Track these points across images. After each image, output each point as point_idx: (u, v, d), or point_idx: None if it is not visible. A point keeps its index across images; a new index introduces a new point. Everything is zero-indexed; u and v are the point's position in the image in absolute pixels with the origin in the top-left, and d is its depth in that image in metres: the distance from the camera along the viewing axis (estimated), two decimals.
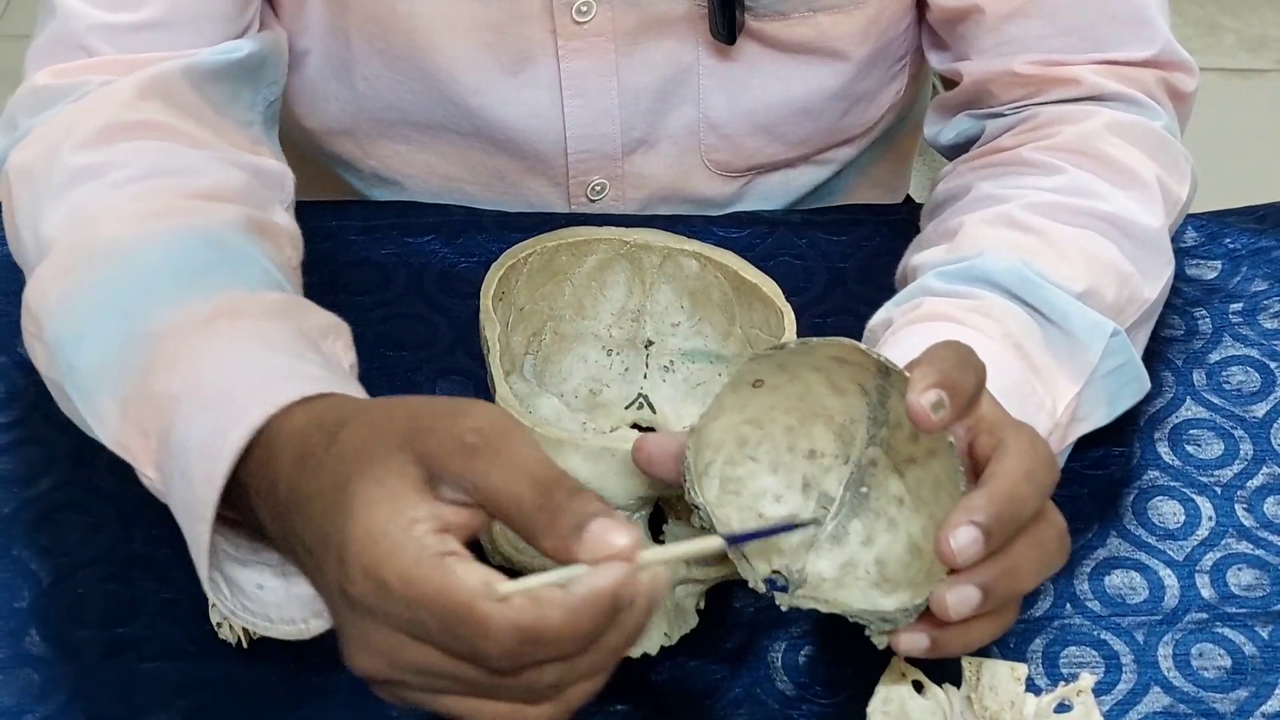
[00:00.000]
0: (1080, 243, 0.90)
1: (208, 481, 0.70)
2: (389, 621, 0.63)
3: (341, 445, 0.67)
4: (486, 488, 0.63)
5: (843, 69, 1.05)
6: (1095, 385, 0.87)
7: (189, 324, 0.77)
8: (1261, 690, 0.83)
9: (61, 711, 0.82)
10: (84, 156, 0.87)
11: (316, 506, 0.66)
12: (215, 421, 0.72)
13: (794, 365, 0.76)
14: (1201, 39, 2.51)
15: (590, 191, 1.10)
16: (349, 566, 0.63)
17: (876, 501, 0.77)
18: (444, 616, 0.61)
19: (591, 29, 1.02)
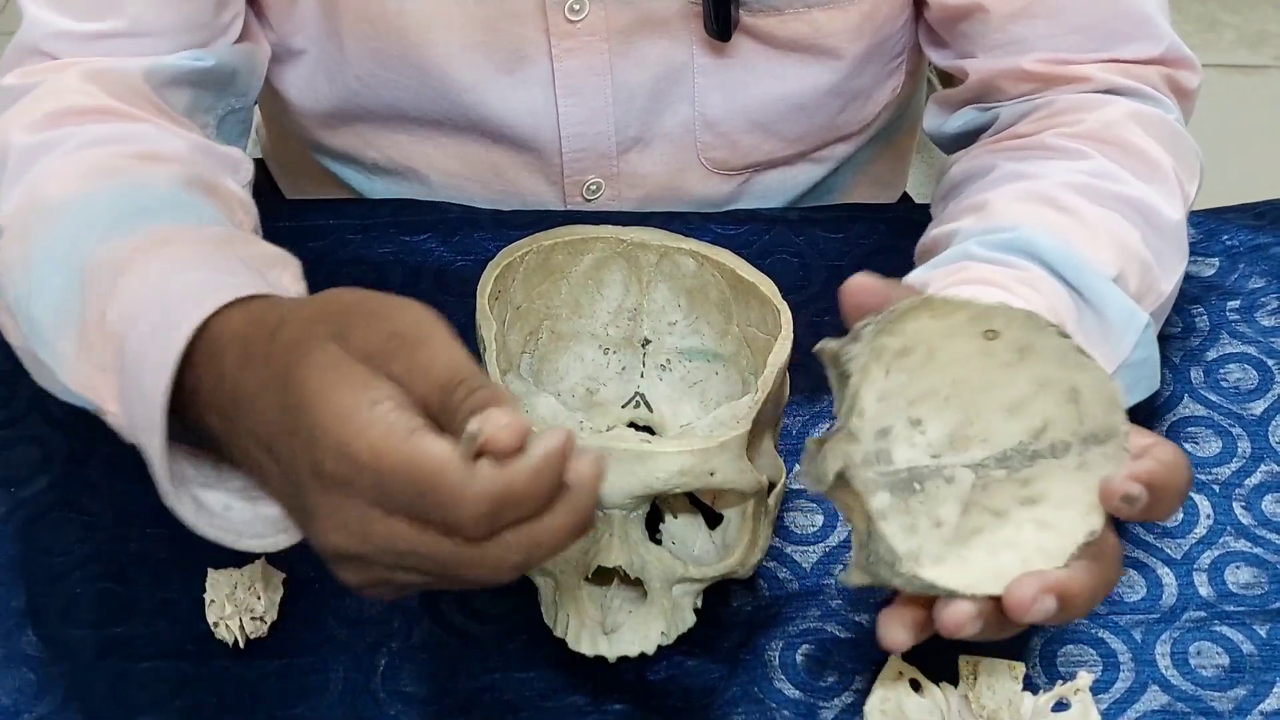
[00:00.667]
0: (1109, 226, 0.89)
1: (156, 388, 0.71)
2: (362, 496, 0.64)
3: (280, 340, 0.68)
4: (405, 388, 0.65)
5: (838, 65, 1.05)
6: (1121, 373, 0.86)
7: (128, 253, 0.78)
8: (1260, 688, 0.83)
9: (57, 711, 0.82)
10: (31, 137, 0.89)
11: (267, 399, 0.68)
12: (159, 333, 0.72)
13: (1035, 354, 0.73)
14: (1201, 35, 2.51)
15: (586, 190, 1.10)
16: (319, 448, 0.64)
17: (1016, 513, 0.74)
18: (415, 487, 0.63)
19: (585, 28, 1.02)
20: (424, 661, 0.84)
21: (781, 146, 1.10)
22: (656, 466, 0.78)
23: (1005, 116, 1.00)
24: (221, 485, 0.74)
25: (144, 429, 0.73)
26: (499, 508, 0.63)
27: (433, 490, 0.63)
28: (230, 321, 0.72)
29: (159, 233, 0.80)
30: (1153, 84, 0.98)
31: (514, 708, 0.82)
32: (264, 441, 0.69)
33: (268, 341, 0.69)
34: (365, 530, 0.65)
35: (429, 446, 0.63)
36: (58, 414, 0.95)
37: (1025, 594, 0.70)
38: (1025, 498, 0.73)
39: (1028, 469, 0.73)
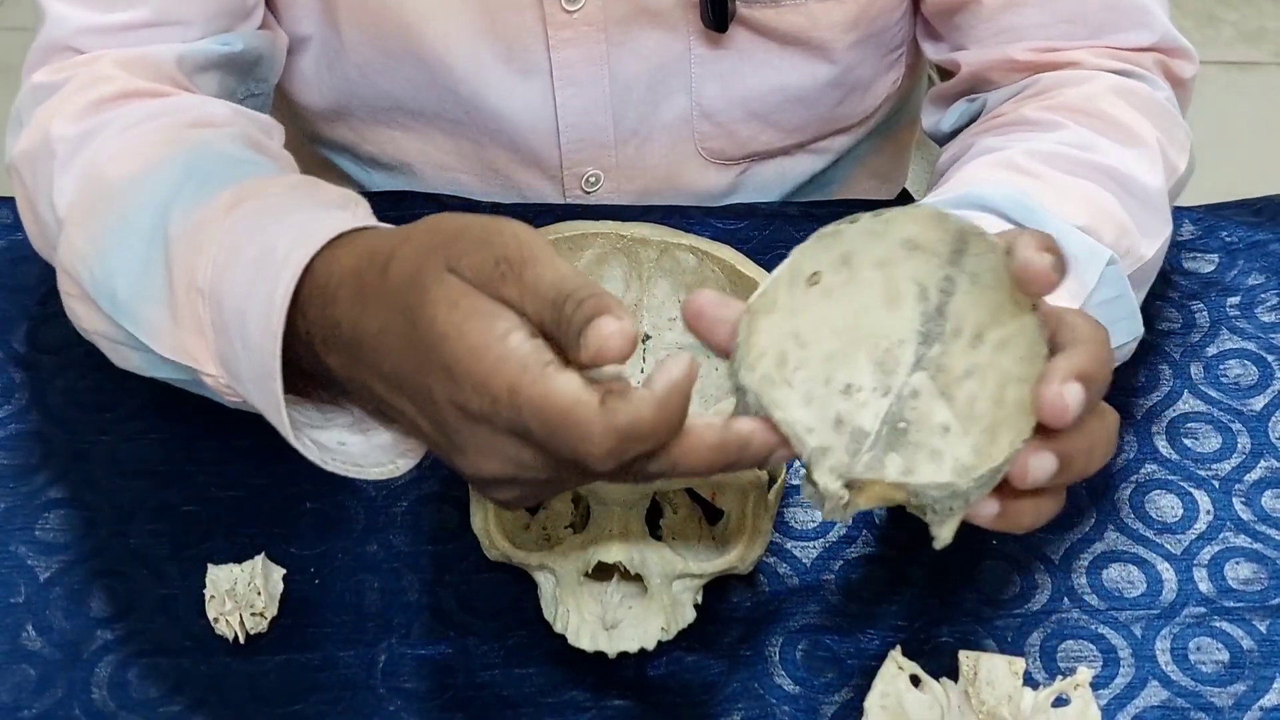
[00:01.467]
0: (1080, 188, 0.89)
1: (268, 334, 0.72)
2: (503, 427, 0.66)
3: (394, 277, 0.69)
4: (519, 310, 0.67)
5: (834, 57, 1.05)
6: (1090, 312, 0.85)
7: (211, 217, 0.79)
8: (1259, 684, 0.83)
9: (58, 707, 0.82)
10: (76, 126, 0.89)
11: (392, 339, 0.69)
12: (263, 280, 0.73)
13: (859, 256, 0.72)
14: (1199, 31, 2.51)
15: (585, 183, 1.10)
16: (460, 384, 0.66)
17: (917, 435, 0.73)
18: (549, 422, 0.65)
19: (582, 18, 1.02)
20: (424, 657, 0.84)
21: (780, 137, 1.10)
22: None
23: (992, 102, 1.01)
24: (331, 425, 0.76)
25: (254, 379, 0.74)
26: (626, 443, 0.65)
27: (562, 428, 0.64)
28: (337, 261, 0.72)
29: (235, 192, 0.80)
30: (1145, 69, 0.98)
31: (513, 704, 0.82)
32: (393, 380, 0.70)
33: (380, 278, 0.70)
34: (516, 457, 0.67)
35: (561, 383, 0.65)
36: (58, 410, 0.95)
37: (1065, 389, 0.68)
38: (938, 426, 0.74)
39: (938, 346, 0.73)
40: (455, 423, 0.68)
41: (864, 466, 0.72)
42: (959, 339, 0.73)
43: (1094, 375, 0.69)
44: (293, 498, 0.90)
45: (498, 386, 0.65)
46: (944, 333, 0.73)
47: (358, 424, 0.76)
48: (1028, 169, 0.90)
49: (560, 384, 0.65)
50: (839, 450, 0.73)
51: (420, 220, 0.72)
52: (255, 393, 0.75)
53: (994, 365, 0.72)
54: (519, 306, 0.67)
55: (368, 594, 0.86)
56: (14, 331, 0.99)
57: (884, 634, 0.85)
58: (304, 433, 0.75)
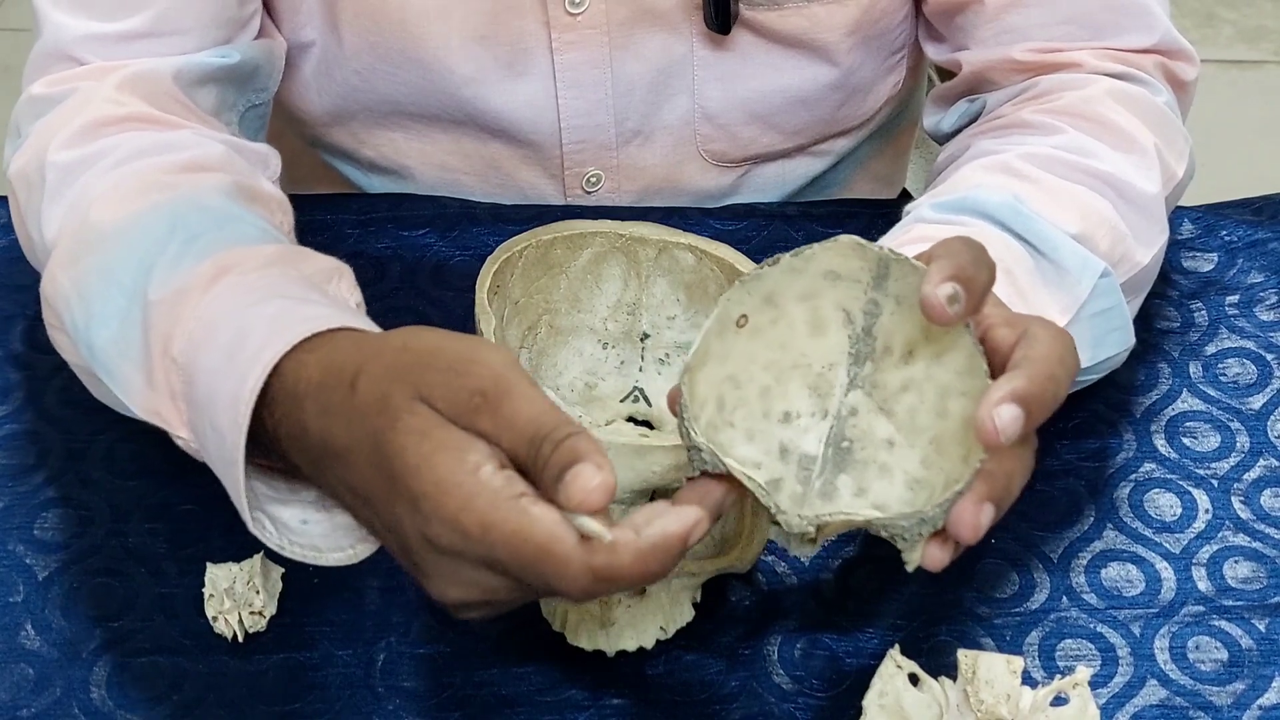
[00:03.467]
0: (1075, 193, 0.89)
1: (234, 427, 0.73)
2: (473, 560, 0.67)
3: (362, 396, 0.69)
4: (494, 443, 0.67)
5: (837, 60, 1.05)
6: (1081, 324, 0.86)
7: (192, 286, 0.80)
8: (1258, 683, 0.83)
9: (56, 706, 0.82)
10: (70, 153, 0.89)
11: (359, 458, 0.69)
12: (233, 371, 0.74)
13: (782, 293, 0.74)
14: (1199, 30, 2.51)
15: (586, 183, 1.10)
16: (427, 518, 0.66)
17: (863, 451, 0.76)
18: (523, 557, 0.65)
19: (585, 21, 1.02)
20: (422, 656, 0.84)
21: (781, 139, 1.10)
22: (654, 460, 0.77)
23: (991, 103, 1.01)
24: (295, 499, 0.76)
25: (219, 461, 0.75)
26: (601, 584, 0.66)
27: (538, 563, 0.65)
28: (304, 367, 0.72)
29: (217, 262, 0.80)
30: (1146, 72, 0.98)
31: (512, 703, 0.82)
32: (361, 494, 0.70)
33: (347, 394, 0.70)
34: (481, 585, 0.68)
35: (536, 518, 0.65)
36: (55, 409, 0.95)
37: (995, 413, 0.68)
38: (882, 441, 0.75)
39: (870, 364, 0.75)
40: (422, 553, 0.68)
41: (818, 493, 0.74)
42: (890, 356, 0.75)
43: (1035, 397, 0.70)
44: None
45: (469, 522, 0.65)
46: (874, 351, 0.75)
47: (321, 500, 0.76)
48: (1023, 173, 0.90)
49: (535, 519, 0.65)
50: (790, 480, 0.75)
51: (391, 334, 0.72)
52: (221, 473, 0.76)
53: (931, 379, 0.74)
54: (493, 439, 0.67)
55: (366, 593, 0.86)
56: (11, 331, 0.99)
57: (883, 633, 0.85)
58: (267, 508, 0.75)
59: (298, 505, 0.76)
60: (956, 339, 0.72)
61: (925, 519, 0.70)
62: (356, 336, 0.73)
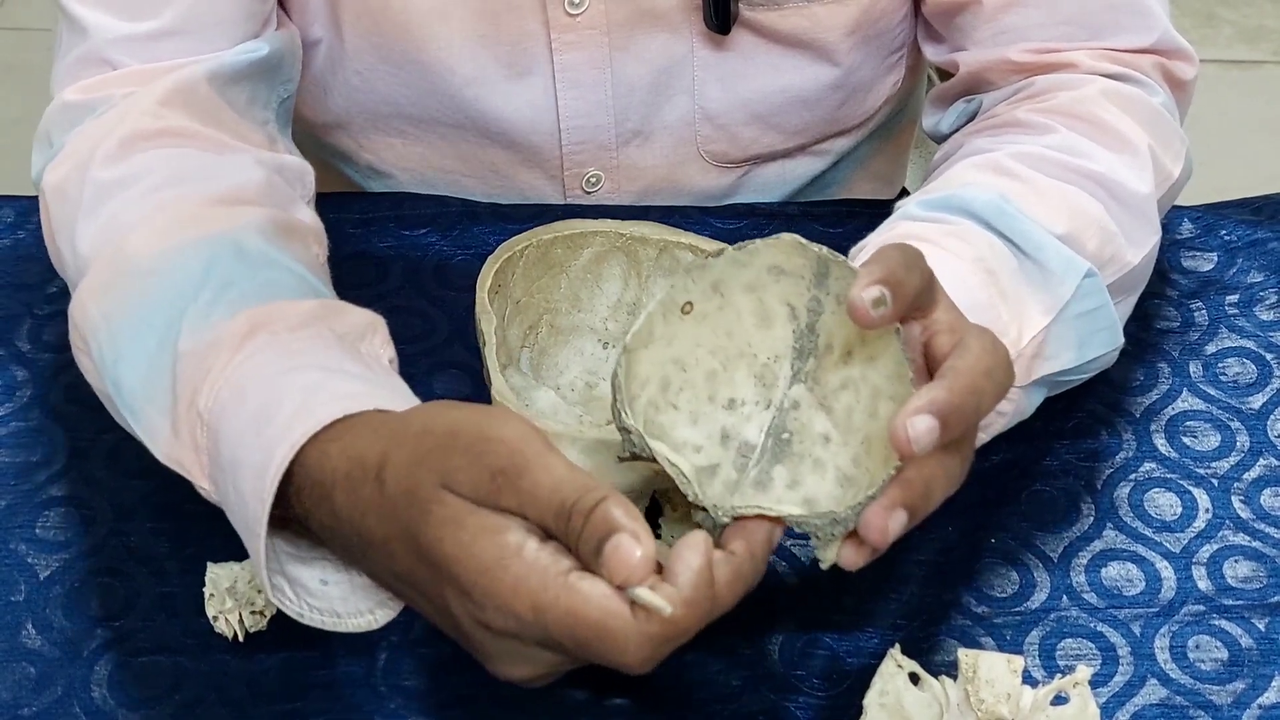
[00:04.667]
0: (1064, 193, 0.89)
1: (258, 500, 0.73)
2: (530, 640, 0.68)
3: (390, 489, 0.70)
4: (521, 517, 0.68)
5: (837, 59, 1.05)
6: (1065, 324, 0.86)
7: (224, 342, 0.79)
8: (1258, 682, 0.83)
9: (57, 705, 0.82)
10: (110, 171, 0.89)
11: (400, 548, 0.70)
12: (260, 444, 0.74)
13: (728, 283, 0.75)
14: (1199, 30, 2.51)
15: (585, 183, 1.10)
16: (480, 604, 0.67)
17: (800, 445, 0.76)
18: (580, 637, 0.67)
19: (585, 21, 1.02)
20: (424, 655, 0.84)
21: (781, 139, 1.10)
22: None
23: (987, 103, 1.01)
24: (315, 557, 0.77)
25: (240, 523, 0.76)
26: (662, 647, 0.68)
27: (597, 641, 0.67)
28: (328, 457, 0.73)
29: (251, 317, 0.80)
30: (1144, 72, 0.98)
31: (513, 702, 0.82)
32: (408, 581, 0.72)
33: (376, 489, 0.71)
34: (547, 662, 0.70)
35: (587, 596, 0.66)
36: (59, 408, 0.95)
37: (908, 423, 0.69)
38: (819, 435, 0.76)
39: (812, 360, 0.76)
40: (479, 636, 0.70)
41: (752, 482, 0.75)
42: (831, 354, 0.76)
43: (954, 408, 0.70)
44: None
45: (521, 607, 0.67)
46: (816, 348, 0.76)
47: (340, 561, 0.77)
48: (1013, 172, 0.90)
49: (587, 597, 0.66)
50: (726, 465, 0.76)
51: (412, 415, 0.73)
52: (240, 530, 0.77)
53: (865, 379, 0.75)
54: (520, 514, 0.68)
55: None
56: (16, 329, 1.00)
57: (883, 632, 0.85)
58: (286, 568, 0.77)
59: (318, 564, 0.77)
60: (887, 343, 0.73)
61: (838, 520, 0.71)
62: (378, 421, 0.74)
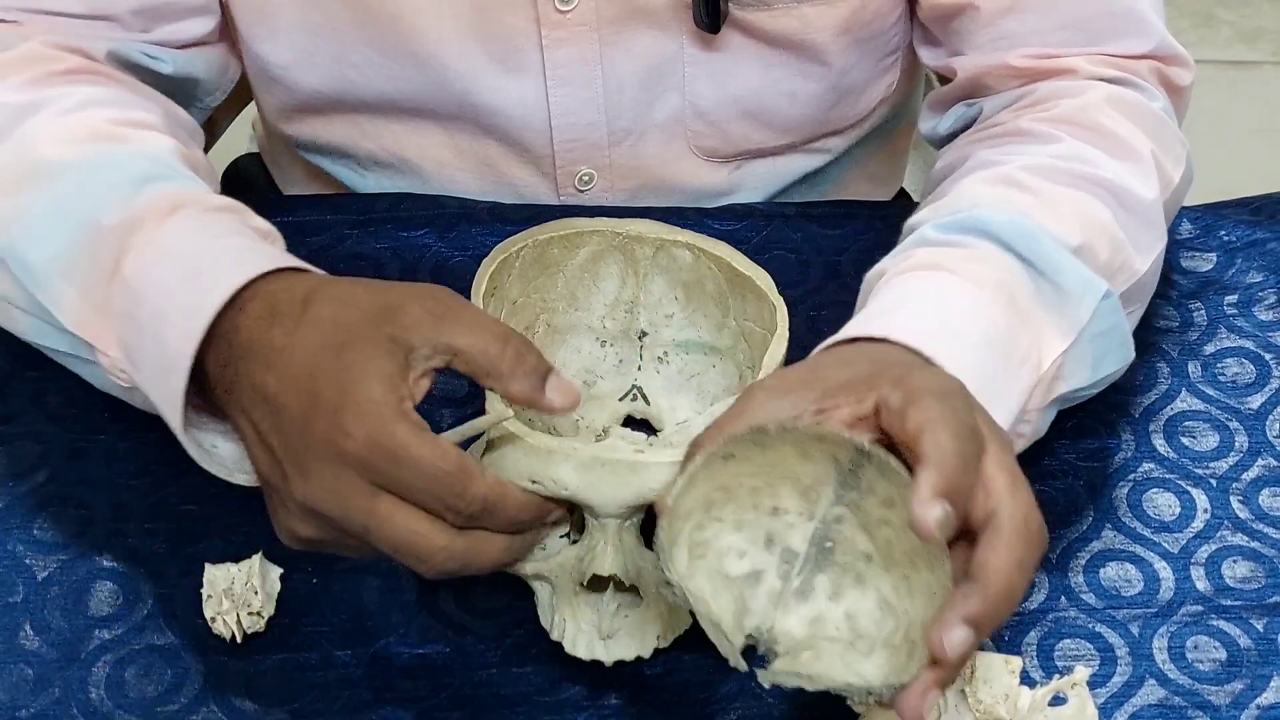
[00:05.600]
0: (1075, 201, 0.89)
1: (186, 337, 0.78)
2: (364, 473, 0.73)
3: (316, 312, 0.77)
4: (460, 346, 0.75)
5: (827, 60, 1.05)
6: (1082, 345, 0.86)
7: (148, 216, 0.84)
8: (1257, 683, 0.83)
9: (55, 706, 0.82)
10: (22, 95, 0.92)
11: (292, 359, 0.76)
12: (193, 289, 0.80)
13: (770, 440, 0.74)
14: (1197, 31, 2.51)
15: (578, 181, 1.10)
16: (348, 427, 0.73)
17: (843, 557, 0.76)
18: (436, 474, 0.73)
19: (575, 18, 1.02)
20: (421, 656, 0.84)
21: (773, 136, 1.10)
22: (650, 477, 0.77)
23: (989, 109, 1.01)
24: (208, 429, 0.82)
25: (157, 373, 0.81)
26: (493, 501, 0.74)
27: (453, 478, 0.73)
28: (257, 284, 0.79)
29: (171, 197, 0.86)
30: (1141, 77, 0.98)
31: (510, 703, 0.82)
32: (266, 393, 0.76)
33: (299, 310, 0.77)
34: (348, 498, 0.73)
35: (446, 447, 0.73)
36: (56, 409, 0.95)
37: (945, 637, 0.69)
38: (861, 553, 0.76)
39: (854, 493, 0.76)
40: (314, 450, 0.74)
41: (795, 592, 0.76)
42: (873, 496, 0.75)
43: (989, 617, 0.70)
44: None
45: (387, 440, 0.72)
46: (859, 487, 0.75)
47: (230, 432, 0.82)
48: (1025, 185, 0.89)
49: (446, 447, 0.73)
50: (771, 573, 0.76)
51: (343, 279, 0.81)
52: (154, 385, 0.81)
53: (906, 533, 0.72)
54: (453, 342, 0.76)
55: (365, 593, 0.86)
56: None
57: None
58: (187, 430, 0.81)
59: (208, 432, 0.82)
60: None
61: (872, 692, 0.71)
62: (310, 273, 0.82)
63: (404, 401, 0.74)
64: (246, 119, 1.35)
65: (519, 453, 0.78)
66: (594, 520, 0.80)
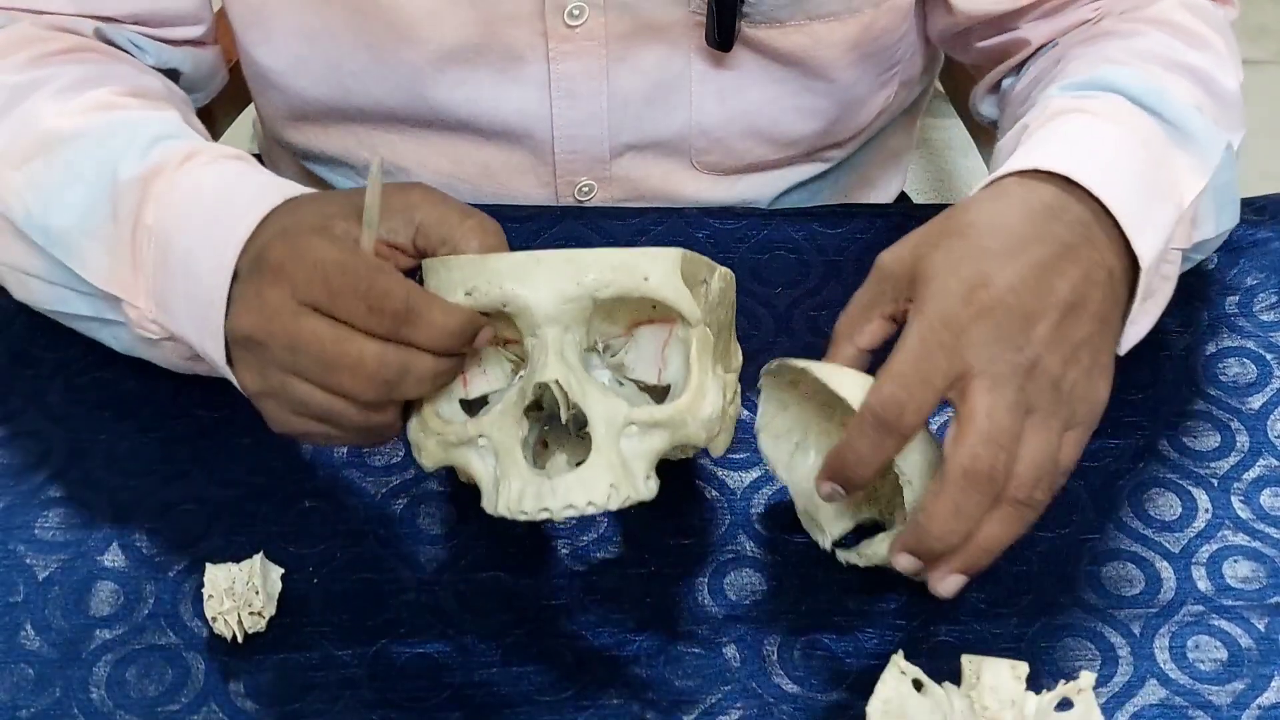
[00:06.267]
0: (1174, 79, 0.94)
1: (218, 270, 0.82)
2: (286, 288, 0.77)
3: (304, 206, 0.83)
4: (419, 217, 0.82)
5: (833, 76, 1.06)
6: (1209, 193, 0.91)
7: (167, 164, 0.87)
8: (1258, 682, 0.83)
9: (55, 706, 0.82)
10: (20, 75, 0.93)
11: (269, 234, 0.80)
12: (220, 225, 0.83)
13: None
14: None
15: (578, 191, 1.10)
16: (274, 249, 0.78)
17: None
18: (350, 270, 0.76)
19: (583, 33, 1.01)
20: (421, 656, 0.84)
21: (774, 150, 1.10)
22: (586, 264, 0.77)
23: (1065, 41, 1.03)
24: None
25: (193, 312, 0.83)
26: (414, 311, 0.75)
27: (370, 275, 0.76)
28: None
29: (184, 148, 0.88)
30: None
31: (511, 702, 0.82)
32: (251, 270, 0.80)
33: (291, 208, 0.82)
34: (271, 317, 0.77)
35: (364, 249, 0.78)
36: (57, 408, 0.95)
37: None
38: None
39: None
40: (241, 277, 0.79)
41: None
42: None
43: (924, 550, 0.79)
44: (291, 497, 0.90)
45: (310, 248, 0.77)
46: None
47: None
48: (1127, 62, 0.94)
49: (373, 259, 0.77)
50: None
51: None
52: (192, 325, 0.84)
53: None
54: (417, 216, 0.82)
55: (366, 593, 0.86)
56: (13, 328, 0.99)
57: (882, 633, 0.85)
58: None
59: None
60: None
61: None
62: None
63: (331, 220, 0.79)
64: (247, 119, 1.35)
65: (452, 270, 0.79)
66: (532, 338, 0.78)
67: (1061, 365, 0.78)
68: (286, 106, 1.09)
